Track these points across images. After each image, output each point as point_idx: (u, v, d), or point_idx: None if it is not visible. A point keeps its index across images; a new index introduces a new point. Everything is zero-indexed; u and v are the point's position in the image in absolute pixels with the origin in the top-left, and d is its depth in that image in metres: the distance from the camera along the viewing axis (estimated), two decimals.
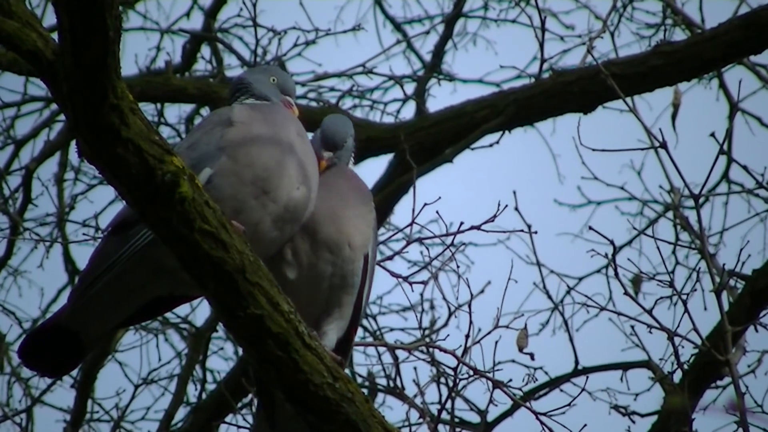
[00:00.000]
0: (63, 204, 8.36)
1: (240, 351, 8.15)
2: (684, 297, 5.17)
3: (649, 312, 5.17)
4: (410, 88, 8.45)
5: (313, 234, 4.30)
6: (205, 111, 8.37)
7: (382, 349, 7.48)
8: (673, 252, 7.89)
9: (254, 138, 4.20)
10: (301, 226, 4.28)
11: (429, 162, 7.52)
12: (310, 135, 4.47)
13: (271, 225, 4.18)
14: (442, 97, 11.30)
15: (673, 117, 7.10)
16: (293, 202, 4.20)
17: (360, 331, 7.90)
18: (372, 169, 7.97)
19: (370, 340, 7.80)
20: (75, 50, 3.63)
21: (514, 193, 6.48)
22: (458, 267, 5.54)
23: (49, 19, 8.25)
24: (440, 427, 5.96)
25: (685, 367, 6.03)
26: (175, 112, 9.15)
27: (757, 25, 6.88)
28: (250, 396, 7.94)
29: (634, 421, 7.05)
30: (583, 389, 5.43)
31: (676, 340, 5.19)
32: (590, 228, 5.16)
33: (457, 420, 7.36)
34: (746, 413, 4.84)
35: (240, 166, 4.16)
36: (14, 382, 8.09)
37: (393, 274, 5.23)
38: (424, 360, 5.83)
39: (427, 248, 5.50)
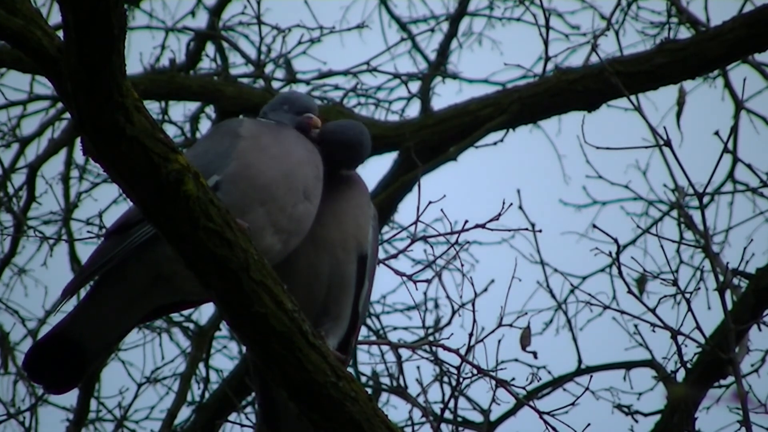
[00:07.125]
0: (69, 202, 8.36)
1: (244, 350, 8.14)
2: (688, 296, 5.17)
3: (653, 311, 5.17)
4: (415, 86, 8.46)
5: (311, 232, 4.28)
6: (209, 109, 8.37)
7: (385, 347, 7.48)
8: (678, 251, 7.89)
9: (263, 149, 4.21)
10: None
11: (433, 160, 7.52)
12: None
13: (275, 236, 4.18)
14: (447, 96, 11.30)
15: (678, 115, 7.08)
16: (298, 214, 4.21)
17: (363, 330, 7.92)
18: (376, 168, 7.97)
19: (373, 338, 7.80)
20: (79, 48, 3.63)
21: (518, 191, 6.49)
22: (462, 265, 5.53)
23: (55, 17, 8.25)
24: (443, 426, 5.96)
25: (689, 366, 6.02)
26: (180, 110, 9.13)
27: (762, 23, 6.88)
28: (253, 395, 7.93)
29: (637, 420, 7.05)
30: (587, 388, 5.41)
31: (680, 339, 5.19)
32: (594, 227, 5.16)
33: (460, 419, 7.36)
34: (748, 409, 4.83)
35: (248, 175, 4.16)
36: (18, 381, 8.09)
37: (397, 273, 5.23)
38: (427, 359, 5.83)
39: (432, 246, 5.50)
